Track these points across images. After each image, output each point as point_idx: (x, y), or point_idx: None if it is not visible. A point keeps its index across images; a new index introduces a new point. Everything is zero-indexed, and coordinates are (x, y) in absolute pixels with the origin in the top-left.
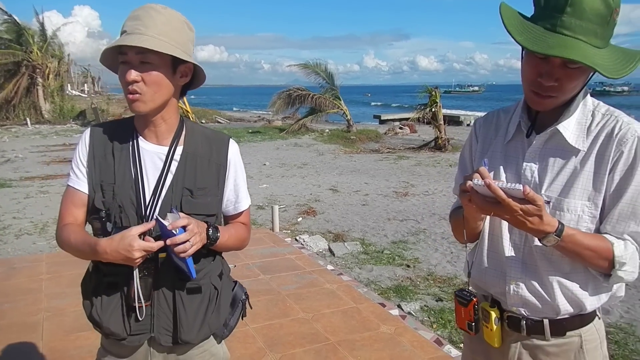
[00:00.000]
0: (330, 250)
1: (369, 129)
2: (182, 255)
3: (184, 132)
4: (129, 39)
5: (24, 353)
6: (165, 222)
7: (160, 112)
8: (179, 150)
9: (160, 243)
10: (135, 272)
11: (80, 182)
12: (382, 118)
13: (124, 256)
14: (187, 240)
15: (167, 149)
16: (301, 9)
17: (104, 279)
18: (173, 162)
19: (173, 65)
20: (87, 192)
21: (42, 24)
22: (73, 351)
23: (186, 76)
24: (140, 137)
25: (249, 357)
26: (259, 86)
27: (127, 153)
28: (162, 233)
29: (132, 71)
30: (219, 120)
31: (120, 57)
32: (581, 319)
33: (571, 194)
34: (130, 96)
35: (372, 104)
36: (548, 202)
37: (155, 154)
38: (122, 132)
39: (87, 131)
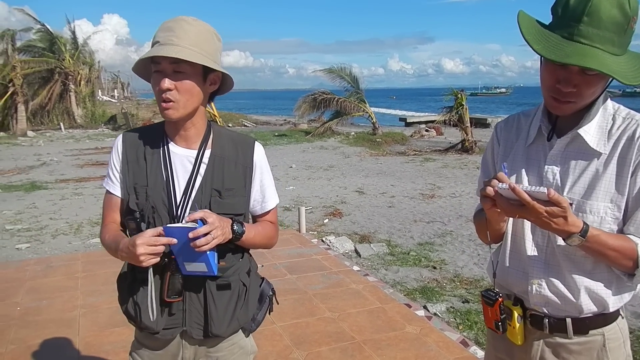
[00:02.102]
0: (356, 251)
1: (395, 131)
2: (203, 248)
3: (211, 136)
4: (163, 49)
5: (61, 347)
6: (178, 225)
7: (190, 118)
8: (207, 153)
9: (165, 239)
10: (150, 272)
11: (115, 187)
12: (408, 121)
13: (131, 252)
14: (209, 234)
15: (196, 152)
16: (324, 13)
17: (138, 276)
18: (202, 164)
19: (204, 74)
20: (120, 196)
21: (73, 33)
22: (107, 346)
23: (215, 84)
24: (171, 141)
25: (276, 354)
26: (284, 90)
27: (158, 157)
28: (178, 238)
29: (167, 80)
30: (246, 123)
31: (153, 67)
32: (604, 317)
33: (594, 196)
34: (164, 104)
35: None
36: (571, 204)
37: (185, 157)
38: (153, 137)
39: (120, 137)
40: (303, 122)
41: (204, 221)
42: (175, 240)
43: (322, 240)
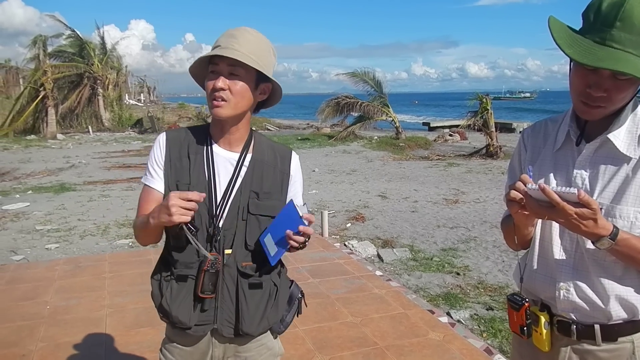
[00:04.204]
0: (379, 256)
1: (418, 136)
2: (291, 242)
3: (252, 142)
4: (224, 51)
5: (89, 346)
6: (299, 210)
7: (236, 121)
8: (248, 157)
9: (197, 196)
10: (185, 229)
11: (155, 181)
12: (432, 125)
13: (164, 208)
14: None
15: (238, 155)
16: (347, 17)
17: (174, 271)
18: (243, 167)
19: (256, 81)
20: (161, 191)
21: (102, 38)
22: (133, 345)
23: (264, 94)
24: (214, 143)
25: (298, 358)
26: (307, 94)
27: (201, 157)
28: (286, 215)
29: (222, 78)
30: (269, 127)
31: (210, 67)
32: (634, 324)
33: (623, 201)
34: (215, 102)
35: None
36: (600, 209)
37: (227, 159)
38: (197, 137)
39: (163, 135)
40: (326, 126)
41: (309, 222)
42: (203, 195)
43: (345, 245)
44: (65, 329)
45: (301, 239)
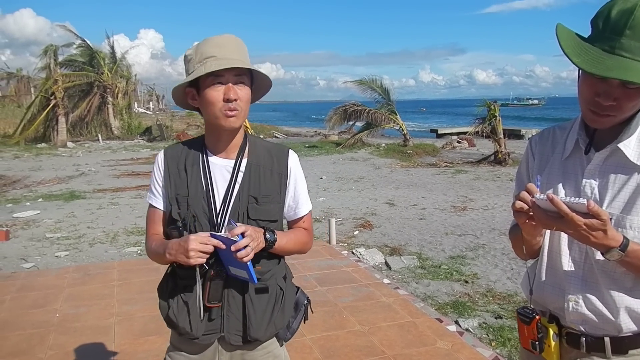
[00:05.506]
0: (386, 263)
1: (426, 143)
2: (244, 259)
3: (247, 146)
4: (230, 62)
5: (98, 354)
6: (223, 234)
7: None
8: (244, 162)
9: (216, 241)
10: (197, 273)
11: (158, 200)
12: (439, 132)
13: (182, 247)
14: (247, 245)
15: (233, 161)
16: (355, 25)
17: (180, 282)
18: (239, 173)
19: (251, 83)
20: (163, 209)
21: (112, 47)
22: (141, 354)
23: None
24: (210, 152)
25: None
26: (315, 102)
27: (198, 168)
28: (224, 244)
29: (233, 89)
30: (277, 135)
31: (212, 79)
32: None
33: (634, 211)
34: (230, 112)
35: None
36: (610, 219)
37: (223, 167)
38: (192, 150)
39: (161, 153)
40: (334, 133)
41: (243, 235)
42: (223, 245)
43: (352, 252)
44: (75, 337)
45: (243, 253)
